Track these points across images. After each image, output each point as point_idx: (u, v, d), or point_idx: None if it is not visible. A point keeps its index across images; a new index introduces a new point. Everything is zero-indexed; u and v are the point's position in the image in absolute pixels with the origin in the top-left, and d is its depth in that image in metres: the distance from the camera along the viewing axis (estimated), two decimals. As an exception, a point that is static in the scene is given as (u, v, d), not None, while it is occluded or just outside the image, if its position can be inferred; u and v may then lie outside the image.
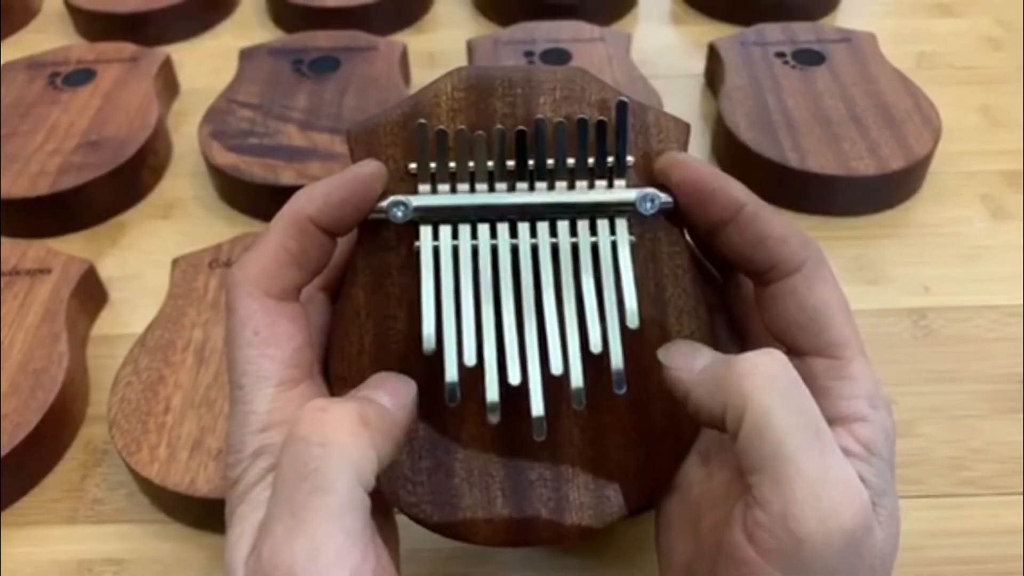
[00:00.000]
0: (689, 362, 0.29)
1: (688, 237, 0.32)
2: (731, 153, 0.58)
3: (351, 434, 0.25)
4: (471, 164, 0.30)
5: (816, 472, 0.24)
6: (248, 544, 0.25)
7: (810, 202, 0.55)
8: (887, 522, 0.26)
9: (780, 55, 0.63)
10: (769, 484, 0.25)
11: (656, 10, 0.76)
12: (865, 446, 0.27)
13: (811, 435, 0.25)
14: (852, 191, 0.54)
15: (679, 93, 0.66)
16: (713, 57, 0.65)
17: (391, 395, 0.28)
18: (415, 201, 0.30)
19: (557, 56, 0.65)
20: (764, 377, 0.26)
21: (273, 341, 0.28)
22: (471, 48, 0.66)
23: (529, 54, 0.65)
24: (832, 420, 0.27)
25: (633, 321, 0.29)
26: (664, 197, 0.30)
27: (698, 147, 0.61)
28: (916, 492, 0.41)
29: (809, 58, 0.63)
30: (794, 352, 0.29)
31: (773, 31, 0.65)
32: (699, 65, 0.68)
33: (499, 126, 0.30)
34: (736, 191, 0.29)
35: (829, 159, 0.54)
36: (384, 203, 0.30)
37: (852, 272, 0.52)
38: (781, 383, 0.26)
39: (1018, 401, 0.44)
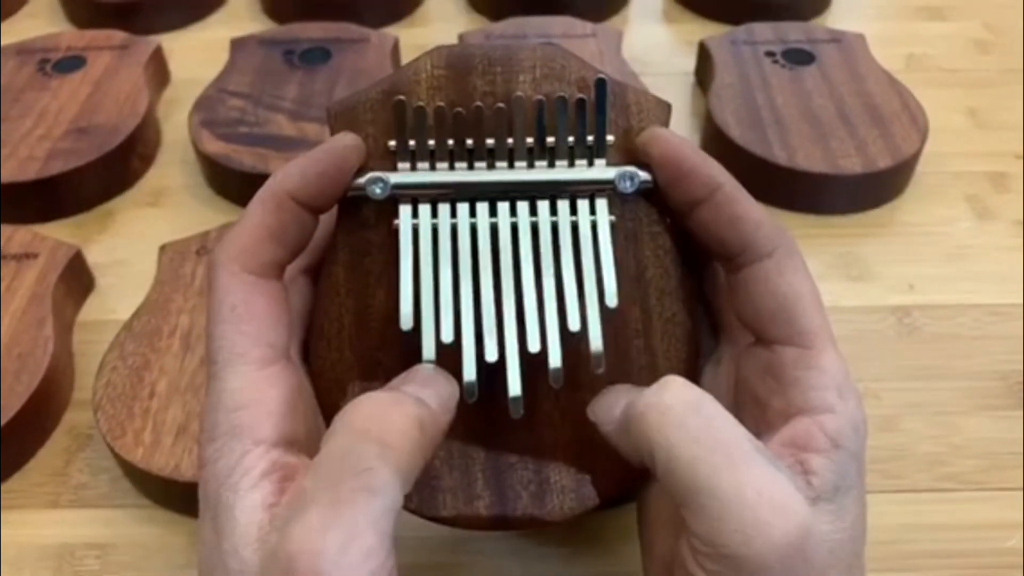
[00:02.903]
0: (610, 413, 0.28)
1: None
2: (720, 150, 0.58)
3: (411, 440, 0.25)
4: (450, 142, 0.30)
5: (733, 496, 0.24)
6: (252, 532, 0.24)
7: (798, 200, 0.55)
8: (839, 516, 0.26)
9: (770, 54, 0.63)
10: (693, 516, 0.25)
11: (648, 7, 0.76)
12: (831, 438, 0.26)
13: (721, 460, 0.24)
14: (840, 189, 0.55)
15: (669, 91, 0.65)
16: (703, 55, 0.65)
17: (439, 398, 0.27)
18: (394, 178, 0.30)
19: (548, 51, 0.65)
20: (659, 414, 0.25)
21: (249, 317, 0.28)
22: (462, 42, 0.66)
23: (521, 49, 0.65)
24: (800, 410, 0.27)
25: (612, 300, 0.29)
26: (644, 175, 0.30)
27: (687, 144, 0.61)
28: (897, 487, 0.41)
29: (799, 57, 0.63)
30: (764, 341, 0.29)
31: (763, 30, 0.66)
32: (689, 63, 0.68)
33: (478, 103, 0.30)
34: (714, 170, 0.29)
35: (817, 157, 0.54)
36: (362, 179, 0.30)
37: (838, 269, 0.52)
38: (677, 415, 0.25)
39: (999, 399, 0.45)
